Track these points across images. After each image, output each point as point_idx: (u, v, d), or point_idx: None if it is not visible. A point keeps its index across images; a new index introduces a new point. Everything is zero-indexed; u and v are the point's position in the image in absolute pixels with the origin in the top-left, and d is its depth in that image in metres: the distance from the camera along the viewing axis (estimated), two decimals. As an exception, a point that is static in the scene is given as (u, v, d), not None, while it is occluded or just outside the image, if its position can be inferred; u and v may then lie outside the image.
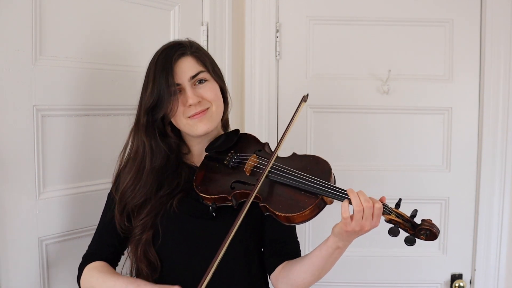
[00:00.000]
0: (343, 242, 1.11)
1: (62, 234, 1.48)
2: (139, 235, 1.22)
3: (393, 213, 1.08)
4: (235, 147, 1.29)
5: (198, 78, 1.22)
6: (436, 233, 1.06)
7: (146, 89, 1.22)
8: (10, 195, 1.34)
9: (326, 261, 1.14)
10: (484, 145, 2.03)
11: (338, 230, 1.08)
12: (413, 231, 1.07)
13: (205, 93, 1.22)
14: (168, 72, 1.18)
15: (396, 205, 1.10)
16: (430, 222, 1.07)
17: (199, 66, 1.23)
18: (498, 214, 2.04)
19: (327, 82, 2.07)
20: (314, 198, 1.10)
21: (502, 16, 1.98)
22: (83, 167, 1.53)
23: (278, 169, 1.16)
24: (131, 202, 1.24)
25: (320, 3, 2.06)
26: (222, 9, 1.95)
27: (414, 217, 1.09)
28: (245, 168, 1.21)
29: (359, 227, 1.05)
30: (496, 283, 2.07)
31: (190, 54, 1.23)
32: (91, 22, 1.52)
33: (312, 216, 1.11)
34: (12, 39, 1.32)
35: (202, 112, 1.22)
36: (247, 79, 2.06)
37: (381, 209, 1.06)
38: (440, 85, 2.05)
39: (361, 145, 2.09)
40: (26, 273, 1.39)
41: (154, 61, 1.22)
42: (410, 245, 1.08)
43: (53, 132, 1.44)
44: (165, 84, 1.18)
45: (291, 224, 1.12)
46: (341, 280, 2.12)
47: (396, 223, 1.07)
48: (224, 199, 1.18)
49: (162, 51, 1.23)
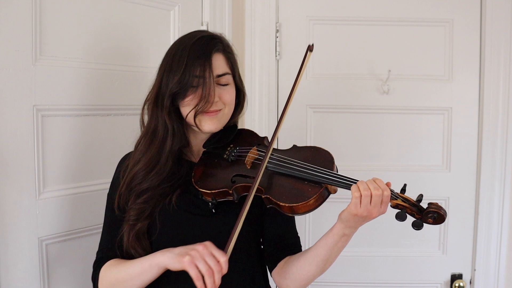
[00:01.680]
0: (350, 229, 1.10)
1: (62, 234, 1.48)
2: (133, 221, 1.20)
3: (399, 198, 1.07)
4: (234, 142, 1.28)
5: (223, 79, 1.21)
6: (443, 216, 1.06)
7: (172, 72, 1.17)
8: (10, 195, 1.34)
9: (331, 250, 1.13)
10: (484, 145, 2.03)
11: (345, 215, 1.07)
12: (420, 215, 1.07)
13: (224, 95, 1.21)
14: (206, 61, 1.16)
15: (402, 190, 1.10)
16: (437, 205, 1.07)
17: (227, 67, 1.22)
18: (498, 214, 2.04)
19: (327, 82, 2.07)
20: (318, 187, 1.09)
21: (502, 16, 1.98)
22: (83, 167, 1.53)
23: (279, 160, 1.15)
24: (142, 186, 1.20)
25: (320, 3, 2.06)
26: (222, 9, 1.95)
27: (420, 201, 1.08)
28: (245, 161, 1.20)
29: (366, 212, 1.04)
30: (496, 283, 2.07)
31: (223, 51, 1.22)
32: (91, 22, 1.52)
33: (316, 206, 1.10)
34: (12, 39, 1.32)
35: (215, 112, 1.21)
36: (247, 79, 2.06)
37: (389, 196, 1.06)
38: (440, 85, 2.05)
39: (361, 145, 2.09)
40: (26, 273, 1.39)
41: (188, 46, 1.17)
42: (417, 229, 1.07)
43: (53, 132, 1.44)
44: (199, 72, 1.15)
45: (295, 214, 1.11)
46: (341, 280, 2.12)
47: (402, 207, 1.07)
48: (225, 194, 1.17)
49: (199, 39, 1.19)
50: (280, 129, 1.19)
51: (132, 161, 1.24)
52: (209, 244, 1.06)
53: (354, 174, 2.02)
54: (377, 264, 2.11)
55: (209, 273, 1.02)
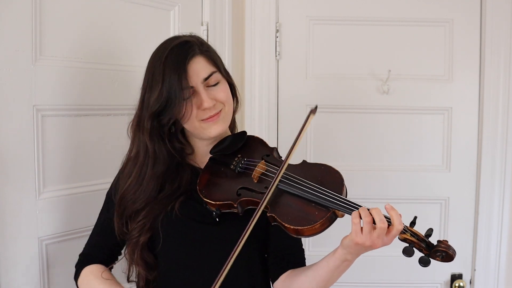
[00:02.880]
0: (351, 255, 1.06)
1: (62, 234, 1.48)
2: (136, 238, 1.19)
3: (408, 232, 1.02)
4: (242, 151, 1.23)
5: (211, 80, 1.16)
6: (452, 255, 0.99)
7: (151, 91, 1.14)
8: (10, 195, 1.34)
9: (332, 273, 1.10)
10: (484, 145, 2.03)
11: (347, 242, 1.03)
12: (428, 251, 1.01)
13: (218, 94, 1.17)
14: (181, 74, 1.11)
15: (411, 223, 1.04)
16: (446, 244, 1.00)
17: (211, 66, 1.17)
18: (498, 214, 2.04)
19: (327, 82, 2.07)
20: (325, 211, 1.04)
21: (502, 16, 1.98)
22: (83, 167, 1.53)
23: (288, 179, 1.10)
24: (131, 207, 1.20)
25: (320, 3, 2.06)
26: (222, 9, 1.95)
27: (430, 236, 1.03)
28: (252, 175, 1.15)
29: (369, 242, 1.00)
30: (496, 283, 2.07)
31: (200, 53, 1.16)
32: (91, 22, 1.52)
33: (322, 230, 1.05)
34: (12, 39, 1.32)
35: (216, 115, 1.17)
36: (247, 79, 2.06)
37: (400, 231, 1.00)
38: (440, 85, 2.05)
39: (361, 145, 2.09)
40: (26, 273, 1.39)
41: (162, 61, 1.13)
42: (424, 266, 1.01)
43: (53, 132, 1.44)
44: (177, 87, 1.10)
45: (300, 236, 1.06)
46: (340, 280, 2.10)
47: (411, 242, 1.01)
48: (229, 206, 1.13)
49: (171, 50, 1.14)
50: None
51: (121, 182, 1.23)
52: None
53: (353, 173, 2.05)
54: (377, 264, 2.10)
55: None
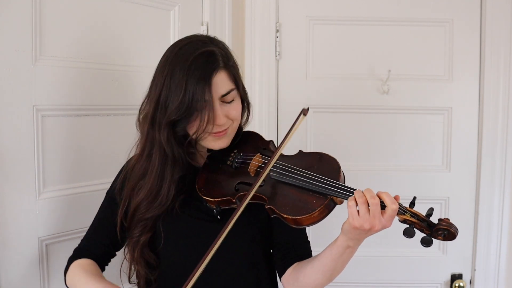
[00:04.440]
0: (353, 241, 1.05)
1: (62, 234, 1.48)
2: (137, 237, 1.19)
3: (407, 213, 1.01)
4: (238, 146, 1.23)
5: (228, 97, 1.13)
6: (454, 233, 0.98)
7: (171, 94, 1.09)
8: (10, 195, 1.34)
9: (337, 261, 1.09)
10: (484, 145, 2.03)
11: (346, 227, 1.03)
12: (429, 231, 1.00)
13: (231, 112, 1.14)
14: (205, 87, 1.07)
15: (411, 204, 1.03)
16: (447, 222, 0.99)
17: (231, 83, 1.13)
18: (498, 214, 2.04)
19: (327, 82, 2.07)
20: (323, 198, 1.04)
21: (502, 16, 1.98)
22: (83, 167, 1.53)
23: (283, 169, 1.10)
24: (146, 215, 1.17)
25: (320, 3, 2.06)
26: (222, 9, 1.95)
27: (430, 215, 1.01)
28: (249, 169, 1.15)
29: (368, 224, 0.98)
30: (496, 283, 2.07)
31: (224, 68, 1.12)
32: (91, 22, 1.52)
33: (321, 218, 1.04)
34: (12, 39, 1.32)
35: (224, 131, 1.15)
36: (247, 79, 2.06)
37: (396, 210, 0.99)
38: (440, 85, 2.05)
39: (360, 145, 2.09)
40: (26, 273, 1.39)
41: (185, 67, 1.08)
42: (427, 246, 1.00)
43: (53, 132, 1.44)
44: (200, 100, 1.07)
45: (300, 226, 1.05)
46: (340, 280, 2.09)
47: (411, 223, 1.00)
48: (229, 202, 1.14)
49: (196, 58, 1.09)
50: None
51: (130, 184, 1.20)
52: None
53: (354, 174, 2.03)
54: (377, 264, 2.11)
55: None
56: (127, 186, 1.21)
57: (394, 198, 1.01)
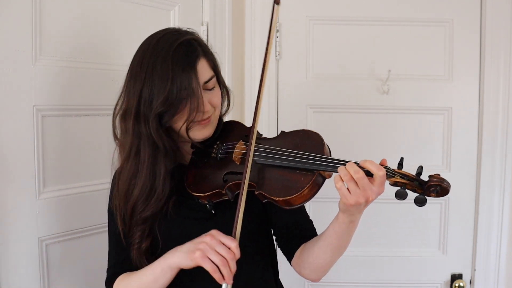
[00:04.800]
0: (354, 216, 1.04)
1: (62, 234, 1.48)
2: (138, 244, 1.18)
3: (397, 175, 1.00)
4: (220, 137, 1.22)
5: (210, 84, 1.14)
6: (447, 188, 0.97)
7: (154, 87, 1.07)
8: (10, 195, 1.34)
9: (342, 237, 1.08)
10: (484, 145, 2.03)
11: (342, 206, 1.02)
12: (421, 189, 0.99)
13: (213, 99, 1.15)
14: (192, 73, 1.08)
15: (399, 165, 1.02)
16: (438, 177, 0.99)
17: (211, 70, 1.15)
18: (498, 214, 2.04)
19: (327, 82, 2.07)
20: (310, 175, 1.02)
21: (502, 16, 1.98)
22: (83, 167, 1.53)
23: (266, 152, 1.09)
24: (144, 214, 1.16)
25: (320, 3, 2.06)
26: (222, 9, 1.95)
27: (420, 174, 1.00)
28: (233, 158, 1.14)
29: (362, 198, 0.97)
30: (496, 283, 2.07)
31: (204, 55, 1.13)
32: (91, 22, 1.52)
33: (312, 195, 1.03)
34: (12, 39, 1.32)
35: (207, 119, 1.15)
36: (247, 79, 2.06)
37: (384, 176, 0.97)
38: (440, 85, 2.05)
39: (361, 145, 2.09)
40: (26, 273, 1.40)
41: (169, 56, 1.08)
42: (421, 206, 0.98)
43: (53, 132, 1.44)
44: (188, 86, 1.07)
45: (292, 207, 1.04)
46: (341, 280, 2.12)
47: (402, 184, 0.99)
48: (219, 194, 1.13)
49: (178, 47, 1.09)
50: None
51: (121, 187, 1.17)
52: (215, 233, 1.04)
53: (354, 174, 2.04)
54: (377, 264, 2.11)
55: (223, 262, 1.01)
56: (118, 191, 1.18)
57: (380, 164, 1.00)
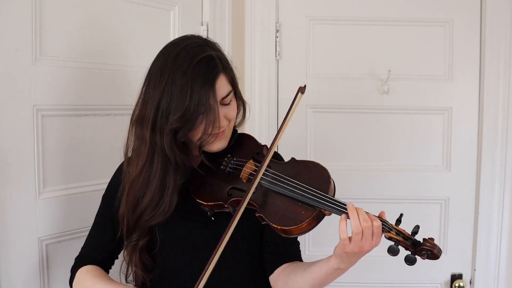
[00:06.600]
0: (344, 264, 1.06)
1: (62, 234, 1.48)
2: (135, 241, 1.19)
3: (393, 231, 1.02)
4: (232, 150, 1.23)
5: (227, 99, 1.14)
6: (437, 254, 1.01)
7: (172, 100, 1.07)
8: (10, 195, 1.34)
9: (325, 278, 1.11)
10: (484, 145, 2.03)
11: (338, 251, 1.04)
12: (414, 249, 1.02)
13: (229, 113, 1.16)
14: (210, 90, 1.08)
15: (397, 221, 1.05)
16: (432, 242, 1.02)
17: (229, 85, 1.15)
18: (498, 214, 2.04)
19: (327, 82, 2.07)
20: (311, 210, 1.05)
21: (502, 16, 1.98)
22: (83, 167, 1.53)
23: (273, 177, 1.11)
24: (149, 222, 1.16)
25: (320, 3, 2.06)
26: (222, 9, 1.95)
27: (416, 233, 1.03)
28: (241, 175, 1.16)
29: (358, 248, 1.00)
30: (496, 283, 2.07)
31: (223, 71, 1.13)
32: (91, 22, 1.52)
33: (310, 229, 1.05)
34: (12, 39, 1.32)
35: (222, 132, 1.16)
36: (247, 79, 2.06)
37: (380, 227, 1.01)
38: (440, 85, 2.05)
39: (361, 145, 2.09)
40: (26, 273, 1.40)
41: (189, 73, 1.07)
42: (410, 265, 1.02)
43: (53, 132, 1.44)
44: (205, 102, 1.07)
45: (289, 236, 1.06)
46: (340, 280, 2.10)
47: (396, 240, 1.02)
48: (221, 206, 1.15)
49: (198, 64, 1.08)
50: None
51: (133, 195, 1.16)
52: None
53: (354, 174, 2.05)
54: (377, 264, 2.10)
55: None
56: (128, 197, 1.18)
57: (378, 216, 1.03)
